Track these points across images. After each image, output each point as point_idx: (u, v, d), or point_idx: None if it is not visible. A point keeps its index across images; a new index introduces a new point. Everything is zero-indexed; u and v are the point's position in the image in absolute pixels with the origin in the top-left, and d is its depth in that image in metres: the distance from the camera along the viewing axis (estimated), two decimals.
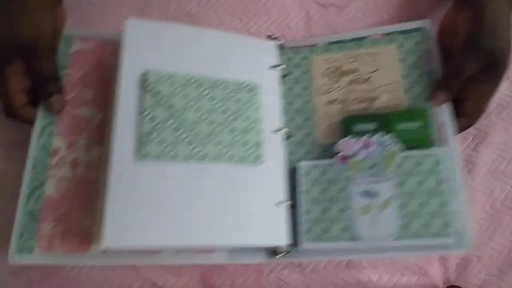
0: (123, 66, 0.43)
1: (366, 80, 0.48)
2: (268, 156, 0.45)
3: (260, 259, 0.44)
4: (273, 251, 0.44)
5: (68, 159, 0.44)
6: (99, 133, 0.45)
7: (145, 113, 0.42)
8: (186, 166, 0.42)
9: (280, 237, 0.43)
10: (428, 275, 0.47)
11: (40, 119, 0.45)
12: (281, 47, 0.51)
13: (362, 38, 0.50)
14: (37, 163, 0.43)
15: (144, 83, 0.43)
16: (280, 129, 0.47)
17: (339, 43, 0.50)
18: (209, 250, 0.44)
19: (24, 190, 0.42)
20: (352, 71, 0.49)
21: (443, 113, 0.44)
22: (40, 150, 0.44)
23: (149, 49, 0.45)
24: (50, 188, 0.43)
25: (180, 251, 0.43)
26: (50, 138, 0.44)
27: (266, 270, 0.47)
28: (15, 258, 0.40)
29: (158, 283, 0.46)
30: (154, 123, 0.42)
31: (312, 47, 0.51)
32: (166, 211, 0.40)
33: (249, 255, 0.44)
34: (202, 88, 0.45)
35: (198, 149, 0.42)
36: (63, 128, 0.45)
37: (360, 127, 0.45)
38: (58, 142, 0.44)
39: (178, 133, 0.42)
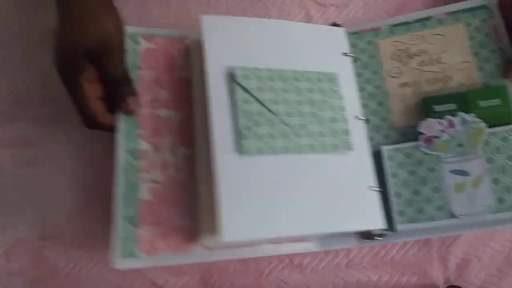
0: (208, 63, 0.43)
1: (436, 61, 0.48)
2: (356, 142, 0.45)
3: (352, 244, 0.45)
4: (364, 235, 0.44)
5: (157, 161, 0.44)
6: (183, 134, 0.45)
7: (239, 109, 0.42)
8: (283, 158, 0.42)
9: (377, 221, 0.44)
10: (428, 275, 0.47)
11: (123, 123, 0.44)
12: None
13: (427, 19, 0.50)
14: (127, 168, 0.43)
15: (232, 78, 0.43)
16: (361, 115, 0.47)
17: (404, 25, 0.50)
18: (301, 239, 0.44)
19: (118, 195, 0.42)
20: (421, 52, 0.49)
21: None
22: (128, 154, 0.43)
23: (230, 44, 0.45)
24: (145, 192, 0.43)
25: (274, 242, 0.44)
26: (135, 142, 0.44)
27: (266, 270, 0.47)
28: (120, 263, 0.40)
29: (158, 283, 0.46)
30: (249, 117, 0.42)
31: (375, 31, 0.51)
32: (272, 203, 0.40)
33: (339, 241, 0.45)
34: (287, 81, 0.45)
35: (293, 141, 0.43)
36: (147, 131, 0.45)
37: (439, 107, 0.45)
38: (144, 145, 0.44)
39: (272, 127, 0.43)
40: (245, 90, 0.43)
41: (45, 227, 0.47)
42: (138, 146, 0.44)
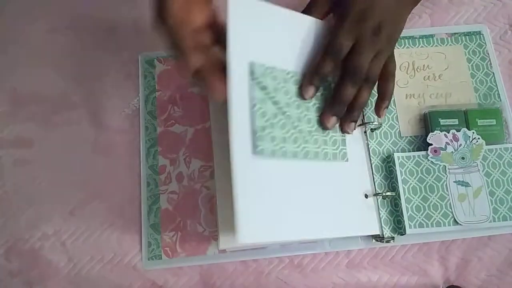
0: (230, 56, 0.39)
1: (439, 77, 0.52)
2: (352, 152, 0.46)
3: (361, 245, 0.47)
4: (375, 237, 0.46)
5: (174, 174, 0.49)
6: (193, 146, 0.50)
7: (256, 108, 0.41)
8: (292, 163, 0.42)
9: (373, 226, 0.45)
10: (428, 275, 0.47)
11: (144, 142, 0.50)
12: None
13: (430, 36, 0.54)
14: (149, 182, 0.49)
15: (252, 75, 0.41)
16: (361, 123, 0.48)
17: (410, 39, 0.54)
18: (311, 241, 0.47)
19: (143, 206, 0.48)
20: (425, 67, 0.53)
21: (508, 112, 0.51)
22: (150, 170, 0.49)
23: (255, 34, 0.42)
24: (164, 202, 0.48)
25: (284, 244, 0.46)
26: (155, 158, 0.49)
27: (266, 270, 0.47)
28: (147, 266, 0.46)
29: (158, 283, 0.46)
30: (265, 118, 0.41)
31: None
32: (287, 207, 0.41)
33: (349, 242, 0.47)
34: (299, 85, 0.44)
35: (302, 146, 0.43)
36: (164, 147, 0.50)
37: (444, 121, 0.49)
38: (163, 161, 0.49)
39: (285, 130, 0.42)
40: (263, 88, 0.42)
41: (45, 227, 0.47)
42: (158, 161, 0.49)
